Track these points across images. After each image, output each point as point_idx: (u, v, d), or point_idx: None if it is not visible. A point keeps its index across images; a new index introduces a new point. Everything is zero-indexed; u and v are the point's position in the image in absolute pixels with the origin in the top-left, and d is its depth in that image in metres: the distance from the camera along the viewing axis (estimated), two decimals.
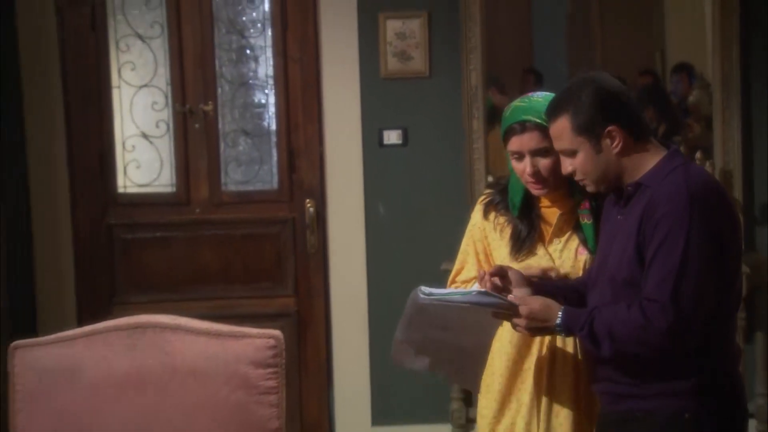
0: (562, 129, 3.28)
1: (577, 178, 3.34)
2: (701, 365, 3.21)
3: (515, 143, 3.54)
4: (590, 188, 3.37)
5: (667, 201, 3.18)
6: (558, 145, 3.33)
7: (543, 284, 3.49)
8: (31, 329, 5.49)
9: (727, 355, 3.31)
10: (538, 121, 3.48)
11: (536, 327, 3.28)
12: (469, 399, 5.97)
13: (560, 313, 3.23)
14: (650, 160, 3.30)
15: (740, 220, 3.55)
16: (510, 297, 3.32)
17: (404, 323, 3.53)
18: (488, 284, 3.41)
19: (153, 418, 4.00)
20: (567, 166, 3.32)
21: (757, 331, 5.93)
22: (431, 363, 3.73)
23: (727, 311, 3.26)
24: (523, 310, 3.24)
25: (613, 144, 3.24)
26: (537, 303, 3.28)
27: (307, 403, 6.10)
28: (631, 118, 3.30)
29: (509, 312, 3.29)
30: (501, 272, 3.41)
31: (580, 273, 3.61)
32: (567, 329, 3.24)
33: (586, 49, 6.60)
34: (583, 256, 3.60)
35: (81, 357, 4.03)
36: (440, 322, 3.51)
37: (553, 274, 3.64)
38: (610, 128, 3.22)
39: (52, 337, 4.19)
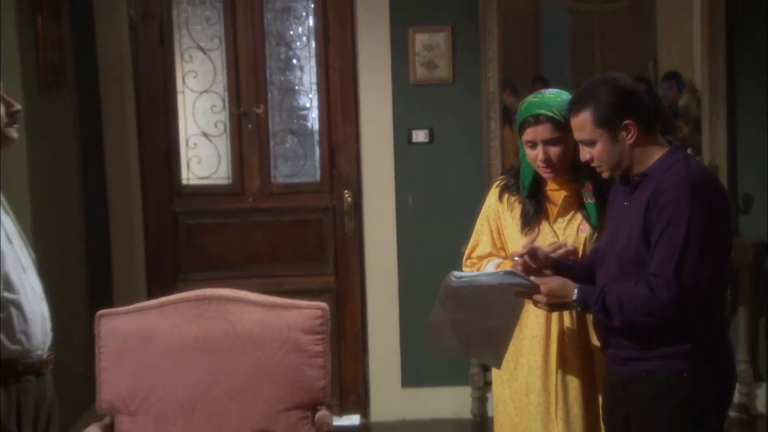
0: (584, 122, 3.30)
1: (594, 164, 3.36)
2: (697, 332, 3.25)
3: (530, 133, 3.58)
4: (605, 174, 3.39)
5: (671, 190, 3.21)
6: (578, 135, 3.35)
7: (560, 265, 3.53)
8: (108, 301, 5.53)
9: (718, 323, 3.36)
10: (549, 114, 3.54)
11: (555, 303, 3.34)
12: (487, 365, 5.99)
13: (576, 290, 3.28)
14: (656, 153, 3.33)
15: (730, 205, 3.61)
16: (532, 278, 3.36)
17: (438, 306, 3.54)
18: (519, 267, 3.45)
19: (217, 378, 4.11)
20: (585, 154, 3.34)
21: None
22: (460, 345, 3.73)
23: (719, 286, 3.31)
24: (543, 288, 3.30)
25: (628, 136, 3.28)
26: (555, 282, 3.34)
27: (345, 367, 6.13)
28: (644, 113, 3.33)
29: (531, 290, 3.34)
30: (531, 253, 3.45)
31: (581, 248, 3.64)
32: (582, 304, 3.30)
33: (587, 59, 6.57)
34: (584, 233, 3.64)
35: (155, 324, 4.17)
36: (469, 304, 3.51)
37: (563, 250, 3.63)
38: (626, 122, 3.26)
39: (131, 307, 4.32)
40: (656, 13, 6.47)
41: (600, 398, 3.64)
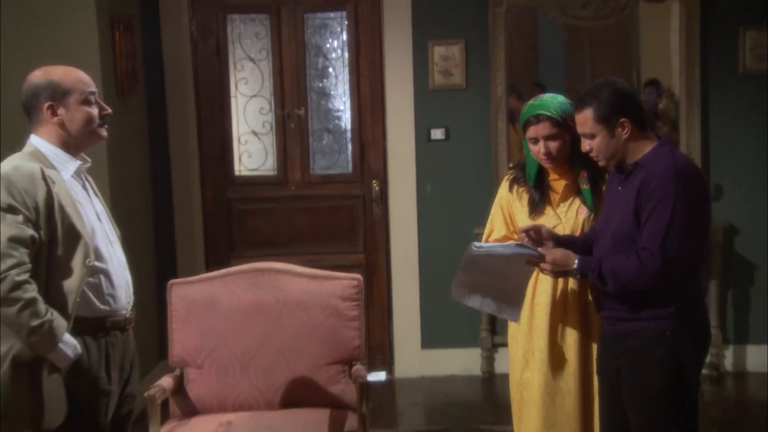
0: (586, 118, 3.33)
1: (593, 154, 3.38)
2: (679, 297, 3.28)
3: (532, 131, 3.62)
4: (601, 163, 3.42)
5: (659, 177, 3.23)
6: (581, 129, 3.38)
7: (561, 239, 3.55)
8: (173, 274, 5.55)
9: (697, 291, 3.39)
10: (548, 114, 3.57)
11: (558, 271, 3.38)
12: (494, 329, 6.14)
13: (576, 260, 3.32)
14: (647, 146, 3.34)
15: (710, 192, 3.64)
16: (539, 249, 3.40)
17: (461, 271, 3.57)
18: (526, 240, 3.50)
19: (269, 337, 4.25)
20: (586, 145, 3.37)
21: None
22: (480, 302, 3.69)
23: (699, 259, 3.34)
24: (548, 258, 3.34)
25: (623, 132, 3.29)
26: (559, 253, 3.37)
27: (373, 331, 6.14)
28: (637, 113, 3.35)
29: (538, 260, 3.38)
30: (536, 229, 3.49)
31: (580, 227, 3.67)
32: (581, 272, 3.33)
33: (578, 68, 6.61)
34: (582, 215, 3.68)
35: (217, 292, 4.33)
36: (487, 270, 3.53)
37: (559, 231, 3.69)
38: (622, 120, 3.28)
39: (197, 277, 4.48)
40: (639, 27, 6.50)
41: (594, 352, 3.66)
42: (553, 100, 3.63)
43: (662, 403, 3.31)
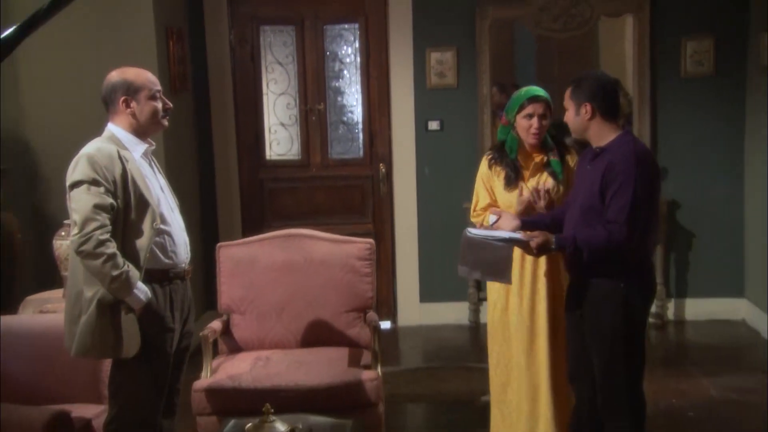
0: (568, 94, 3.36)
1: (567, 121, 3.40)
2: (632, 258, 3.31)
3: (530, 109, 3.65)
4: (574, 135, 3.45)
5: (622, 162, 3.25)
6: (565, 103, 3.38)
7: (534, 221, 3.58)
8: (215, 239, 5.50)
9: (646, 253, 3.42)
10: (545, 97, 3.66)
11: (541, 250, 3.35)
12: (479, 286, 6.05)
13: (554, 239, 3.31)
14: (613, 134, 3.34)
15: (661, 174, 3.63)
16: (522, 235, 3.42)
17: (461, 253, 3.55)
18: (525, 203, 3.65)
19: (298, 290, 4.39)
20: (565, 117, 3.41)
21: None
22: (481, 275, 3.71)
23: (651, 229, 3.37)
24: (532, 244, 3.31)
25: (585, 114, 3.31)
26: (540, 238, 3.34)
27: (380, 287, 5.74)
28: (603, 102, 3.32)
29: (525, 245, 3.38)
30: (500, 214, 3.63)
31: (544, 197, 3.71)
32: (559, 248, 3.33)
33: (548, 71, 6.57)
34: (548, 185, 3.70)
35: (256, 253, 4.42)
36: (481, 249, 3.50)
37: (525, 197, 3.71)
38: (586, 103, 3.30)
39: (239, 240, 4.60)
40: (598, 38, 6.42)
41: (562, 302, 3.68)
42: (535, 90, 3.69)
43: (616, 342, 3.33)
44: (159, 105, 3.26)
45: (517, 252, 3.64)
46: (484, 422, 4.38)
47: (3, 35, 1.21)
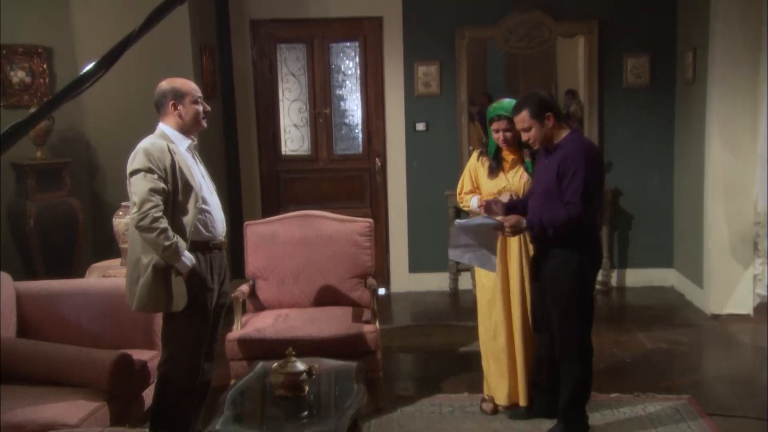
0: (523, 117, 3.36)
1: (530, 142, 3.42)
2: (584, 233, 3.38)
3: (495, 125, 3.66)
4: (536, 146, 3.45)
5: (574, 154, 3.31)
6: (520, 126, 3.40)
7: (510, 204, 3.56)
8: (240, 220, 5.50)
9: (594, 230, 3.52)
10: (506, 115, 3.58)
11: (515, 231, 3.38)
12: None
13: (525, 221, 3.33)
14: (563, 133, 3.40)
15: (604, 163, 3.68)
16: (499, 218, 3.43)
17: (452, 241, 3.58)
18: (482, 207, 3.58)
19: (311, 260, 4.35)
20: (525, 136, 3.41)
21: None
22: (469, 260, 3.64)
23: (598, 208, 3.47)
24: (506, 224, 3.34)
25: (550, 122, 3.35)
26: (513, 219, 3.36)
27: (376, 260, 5.76)
28: (555, 111, 3.39)
29: (500, 226, 3.39)
30: (495, 201, 3.53)
31: (522, 187, 3.68)
32: (530, 228, 3.35)
33: (514, 81, 6.51)
34: (524, 179, 3.70)
35: (276, 229, 4.40)
36: (468, 236, 3.51)
37: (507, 195, 3.69)
38: (548, 114, 3.34)
39: (262, 220, 4.62)
40: (556, 55, 6.39)
41: (528, 269, 3.71)
42: (508, 105, 3.60)
43: (571, 300, 3.42)
44: (200, 108, 3.27)
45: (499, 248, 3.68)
46: (461, 368, 4.50)
47: (84, 70, 1.32)
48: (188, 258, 3.15)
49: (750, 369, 4.51)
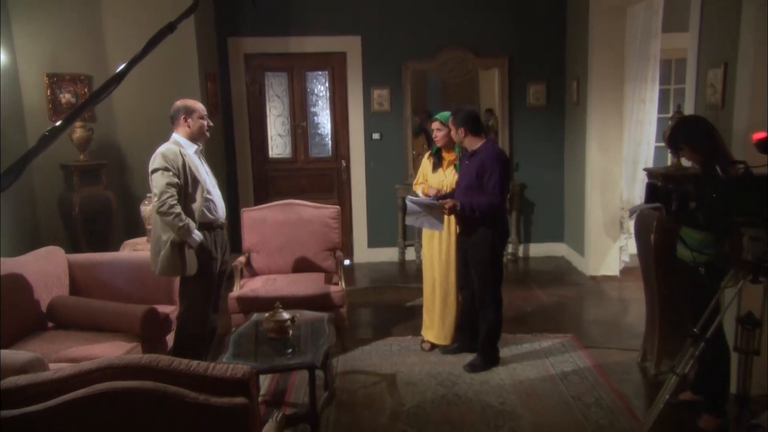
0: (451, 121, 3.44)
1: (455, 139, 3.46)
2: (496, 215, 3.41)
3: (434, 125, 3.66)
4: (457, 143, 3.48)
5: (489, 158, 3.36)
6: (451, 130, 3.47)
7: (438, 196, 3.57)
8: (237, 207, 5.43)
9: (504, 213, 3.51)
10: (440, 120, 3.63)
11: (450, 211, 3.40)
12: (405, 237, 6.06)
13: (458, 204, 3.38)
14: (479, 142, 3.44)
15: (511, 165, 3.81)
16: (440, 201, 3.45)
17: (408, 211, 3.54)
18: (432, 193, 3.60)
19: (292, 237, 4.27)
20: (452, 134, 3.47)
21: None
22: (421, 225, 3.58)
23: (504, 198, 3.42)
24: (446, 206, 3.38)
25: (460, 133, 3.42)
26: (451, 202, 3.40)
27: (342, 236, 5.66)
28: (472, 125, 3.40)
29: (441, 207, 3.42)
30: (437, 195, 3.56)
31: (453, 182, 3.62)
32: (462, 209, 3.39)
33: (447, 101, 6.17)
34: (455, 177, 3.65)
35: (266, 214, 4.34)
36: (418, 209, 3.49)
37: (434, 189, 3.66)
38: (460, 128, 3.41)
39: (254, 207, 4.49)
40: (478, 82, 6.27)
41: (455, 242, 3.71)
42: (444, 114, 3.63)
43: (487, 265, 3.48)
44: (205, 123, 3.24)
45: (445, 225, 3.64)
46: (406, 318, 4.52)
47: (100, 86, 1.34)
48: (197, 235, 3.14)
49: (615, 315, 4.61)
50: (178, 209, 3.02)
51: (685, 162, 3.33)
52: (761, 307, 2.31)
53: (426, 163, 3.91)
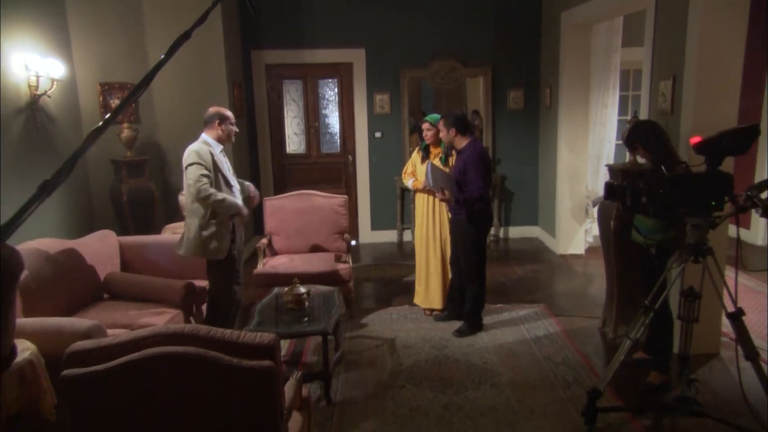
0: (442, 123, 3.41)
1: (443, 139, 3.42)
2: (479, 203, 3.37)
3: (424, 126, 3.67)
4: (446, 143, 3.45)
5: (472, 156, 3.33)
6: (441, 130, 3.42)
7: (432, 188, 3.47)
8: (259, 196, 5.16)
9: (488, 201, 3.43)
10: (430, 121, 3.64)
11: (447, 203, 3.39)
12: (403, 221, 6.03)
13: (452, 197, 3.33)
14: (465, 141, 3.41)
15: (492, 162, 3.78)
16: (438, 195, 3.40)
17: (430, 174, 3.44)
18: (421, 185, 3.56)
19: (308, 222, 4.27)
20: (442, 136, 3.44)
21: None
22: (434, 181, 3.47)
23: (487, 189, 3.39)
24: (447, 195, 3.33)
25: (450, 133, 3.39)
26: (448, 194, 3.38)
27: (350, 221, 5.57)
28: (461, 126, 3.38)
29: (451, 178, 3.28)
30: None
31: None
32: (456, 200, 3.37)
33: (440, 105, 6.20)
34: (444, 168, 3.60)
35: (284, 202, 4.31)
36: (438, 172, 3.41)
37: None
38: (451, 129, 3.38)
39: (274, 196, 4.46)
40: (466, 87, 6.16)
41: (447, 226, 3.70)
42: (434, 116, 3.64)
43: (472, 246, 3.47)
44: (234, 129, 3.20)
45: (430, 202, 3.69)
46: (404, 290, 4.52)
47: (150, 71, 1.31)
48: (238, 201, 3.14)
49: (581, 287, 4.62)
50: (211, 190, 3.00)
51: (640, 159, 3.34)
52: (700, 283, 2.36)
53: (416, 155, 3.88)
